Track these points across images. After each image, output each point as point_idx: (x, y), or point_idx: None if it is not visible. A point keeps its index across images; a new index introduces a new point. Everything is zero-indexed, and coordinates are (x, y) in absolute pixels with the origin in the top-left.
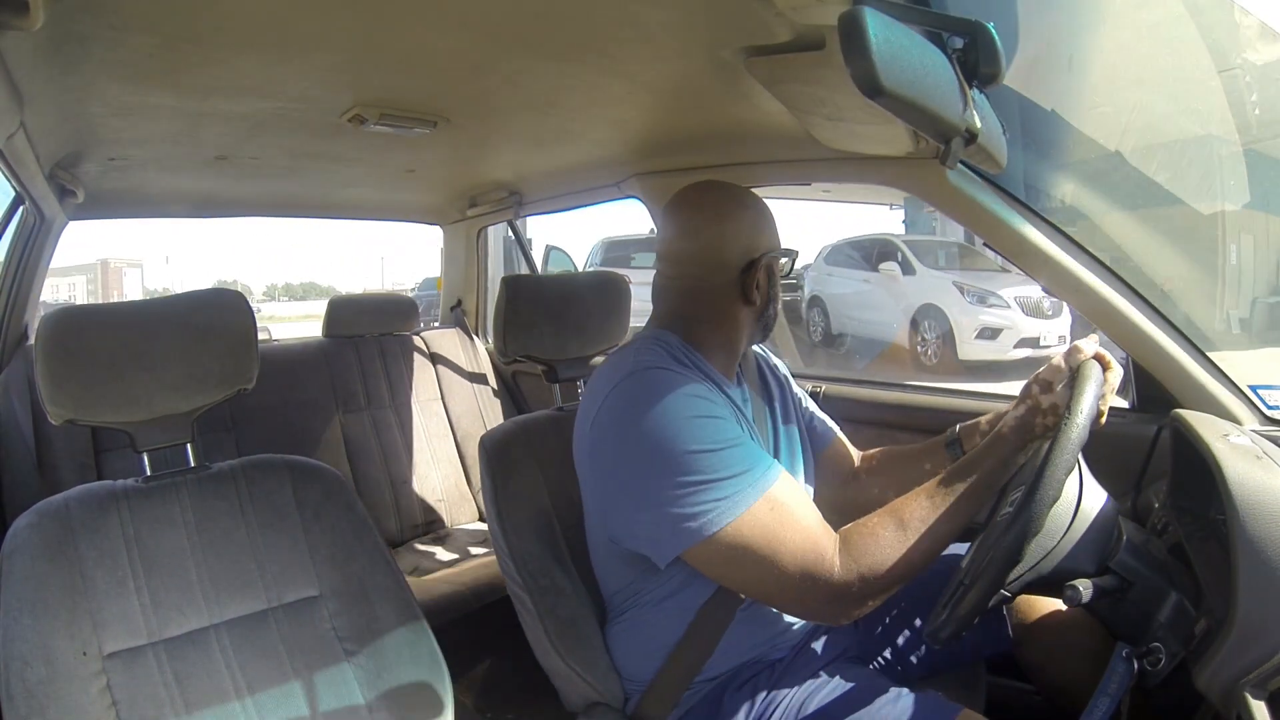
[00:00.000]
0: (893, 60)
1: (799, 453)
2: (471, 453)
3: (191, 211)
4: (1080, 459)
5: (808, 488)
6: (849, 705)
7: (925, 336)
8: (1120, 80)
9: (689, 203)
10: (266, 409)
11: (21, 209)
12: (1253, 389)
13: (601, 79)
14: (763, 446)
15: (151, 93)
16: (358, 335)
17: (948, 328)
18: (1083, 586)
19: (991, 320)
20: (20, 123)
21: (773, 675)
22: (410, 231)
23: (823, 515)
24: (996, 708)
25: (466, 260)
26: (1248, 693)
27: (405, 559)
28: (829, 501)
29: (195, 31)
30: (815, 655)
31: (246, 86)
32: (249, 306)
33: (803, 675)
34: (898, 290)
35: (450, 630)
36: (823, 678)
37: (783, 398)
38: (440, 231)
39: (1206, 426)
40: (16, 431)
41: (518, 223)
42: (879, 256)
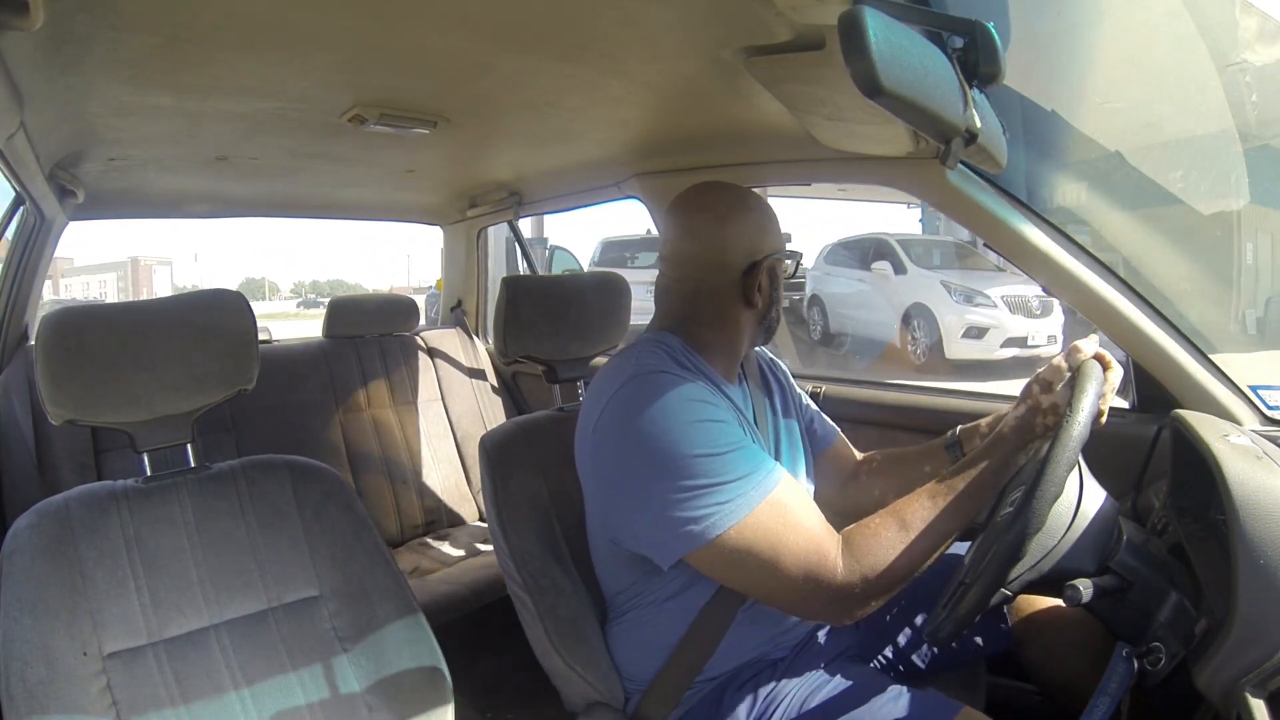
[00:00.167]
0: (893, 60)
1: (800, 450)
2: (471, 453)
3: (192, 212)
4: (1080, 459)
5: (808, 486)
6: (850, 703)
7: (916, 336)
8: (1132, 76)
9: (692, 204)
10: (266, 409)
11: (22, 209)
12: (1253, 389)
13: (601, 79)
14: (763, 446)
15: (151, 93)
16: (358, 335)
17: (936, 327)
18: (1083, 586)
19: (977, 319)
20: (20, 123)
21: (774, 674)
22: (434, 230)
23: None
24: (997, 707)
25: (467, 260)
26: (1248, 692)
27: (405, 559)
28: (829, 503)
29: (195, 31)
30: (816, 654)
31: (247, 86)
32: (249, 307)
33: (804, 674)
34: (890, 290)
35: (450, 630)
36: (824, 676)
37: (783, 395)
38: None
39: (1207, 426)
40: (16, 431)
41: (529, 221)
42: (874, 256)
